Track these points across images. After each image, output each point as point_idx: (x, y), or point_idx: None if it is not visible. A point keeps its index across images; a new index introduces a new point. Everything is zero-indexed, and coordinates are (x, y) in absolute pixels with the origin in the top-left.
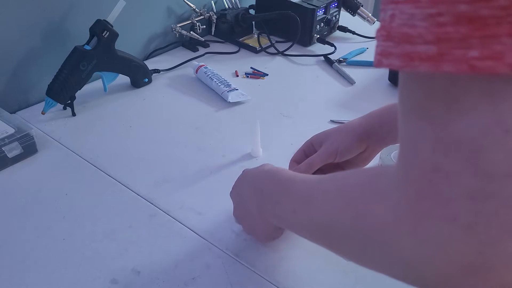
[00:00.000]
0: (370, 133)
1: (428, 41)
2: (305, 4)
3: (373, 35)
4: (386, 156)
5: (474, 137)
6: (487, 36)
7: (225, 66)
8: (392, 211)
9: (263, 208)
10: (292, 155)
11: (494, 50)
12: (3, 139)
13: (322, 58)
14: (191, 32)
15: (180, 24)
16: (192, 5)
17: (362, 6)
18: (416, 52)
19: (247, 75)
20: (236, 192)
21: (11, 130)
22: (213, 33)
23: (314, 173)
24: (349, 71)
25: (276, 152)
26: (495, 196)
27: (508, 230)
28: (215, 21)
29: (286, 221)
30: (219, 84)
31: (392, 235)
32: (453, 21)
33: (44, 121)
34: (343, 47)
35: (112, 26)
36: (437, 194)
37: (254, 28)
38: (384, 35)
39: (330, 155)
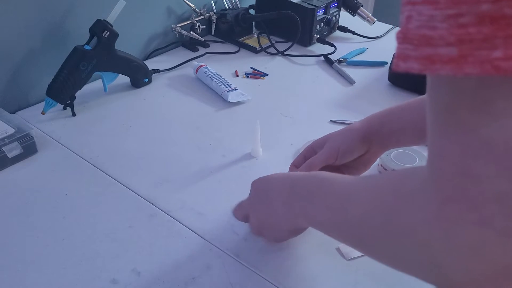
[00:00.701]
0: (372, 135)
1: (449, 43)
2: (305, 4)
3: (373, 35)
4: (386, 157)
5: (506, 139)
6: (511, 36)
7: (225, 66)
8: (423, 214)
9: (293, 205)
10: (292, 155)
11: None
12: (3, 139)
13: (322, 58)
14: (191, 32)
15: (180, 24)
16: (192, 5)
17: (362, 6)
18: (437, 54)
19: (247, 75)
20: (265, 182)
21: (11, 130)
22: (213, 33)
23: None
24: (349, 71)
25: (276, 152)
26: None
27: None
28: (215, 21)
29: (316, 220)
30: (219, 84)
31: (423, 237)
32: (475, 22)
33: (44, 121)
34: (343, 47)
35: (112, 26)
36: (467, 198)
37: (254, 28)
38: (400, 38)
39: (331, 155)
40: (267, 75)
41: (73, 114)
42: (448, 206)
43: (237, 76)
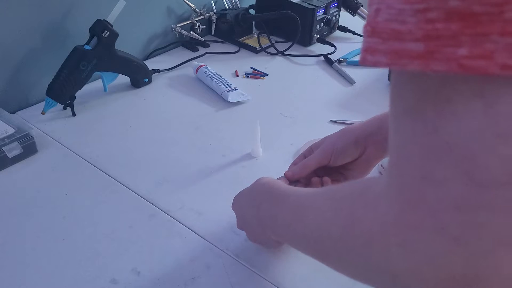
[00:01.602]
0: (368, 136)
1: (417, 38)
2: (305, 4)
3: None
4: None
5: (465, 142)
6: (479, 34)
7: (225, 66)
8: (380, 221)
9: (262, 222)
10: (292, 155)
11: (485, 49)
12: (3, 139)
13: (322, 58)
14: (191, 32)
15: (180, 24)
16: (192, 5)
17: (362, 6)
18: (405, 49)
19: (247, 75)
20: (236, 206)
21: (11, 130)
22: (213, 33)
23: (311, 177)
24: (349, 71)
25: (276, 152)
26: (486, 207)
27: (500, 242)
28: (215, 21)
29: (282, 235)
30: (219, 84)
31: (380, 246)
32: (443, 18)
33: (44, 121)
34: (343, 47)
35: (112, 26)
36: (426, 203)
37: (254, 28)
38: (369, 31)
39: (324, 156)
40: (267, 75)
41: (73, 114)
42: (407, 212)
43: (237, 76)
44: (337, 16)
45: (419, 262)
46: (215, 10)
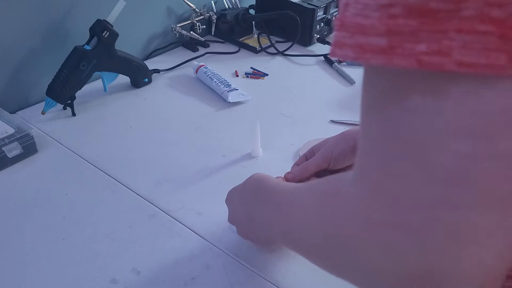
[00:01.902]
0: None
1: (380, 33)
2: (305, 4)
3: None
4: None
5: (419, 138)
6: (437, 30)
7: (225, 66)
8: (347, 215)
9: (250, 218)
10: (292, 155)
11: (442, 46)
12: (3, 139)
13: (322, 58)
14: (191, 32)
15: (180, 24)
16: (192, 5)
17: None
18: (369, 44)
19: (247, 75)
20: (229, 201)
21: (11, 130)
22: (213, 33)
23: (312, 179)
24: (349, 71)
25: (276, 152)
26: (442, 202)
27: (455, 240)
28: (215, 21)
29: (269, 232)
30: (219, 84)
31: (348, 240)
32: (404, 13)
33: (44, 121)
34: None
35: (112, 26)
36: (385, 198)
37: (254, 28)
38: (338, 25)
39: (324, 160)
40: (267, 75)
41: (73, 114)
42: (368, 206)
43: (237, 76)
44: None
45: (381, 257)
46: (215, 10)
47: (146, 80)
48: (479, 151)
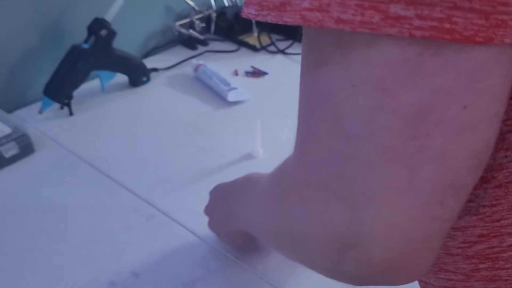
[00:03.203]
0: None
1: None
2: None
3: None
4: None
5: (331, 93)
6: None
7: (224, 64)
8: (284, 181)
9: (229, 207)
10: None
11: (322, 2)
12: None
13: None
14: (190, 30)
15: (179, 22)
16: (191, 3)
17: None
18: (266, 1)
19: (247, 74)
20: (214, 192)
21: (8, 130)
22: (212, 32)
23: None
24: None
25: (277, 151)
26: (352, 159)
27: (367, 197)
28: (214, 19)
29: (239, 218)
30: (219, 83)
31: (284, 207)
32: None
33: (41, 121)
34: None
35: (110, 25)
36: (310, 158)
37: (254, 26)
38: None
39: None
40: (268, 73)
41: (71, 114)
42: (298, 168)
43: (237, 75)
44: None
45: (311, 220)
46: (214, 8)
47: (145, 79)
48: (381, 105)
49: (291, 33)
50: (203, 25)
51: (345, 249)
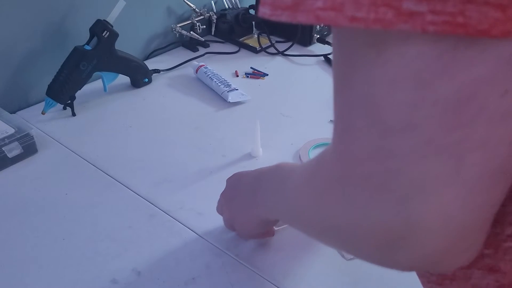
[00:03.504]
0: None
1: None
2: None
3: None
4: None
5: (369, 90)
6: None
7: (225, 66)
8: (326, 177)
9: (256, 195)
10: (292, 155)
11: (336, 2)
12: (3, 139)
13: (322, 58)
14: (191, 32)
15: (180, 24)
16: (192, 5)
17: None
18: (280, 0)
19: (247, 75)
20: (237, 177)
21: (11, 130)
22: (213, 33)
23: None
24: None
25: (276, 152)
26: (396, 153)
27: (416, 189)
28: (215, 21)
29: (270, 207)
30: (219, 84)
31: (327, 202)
32: None
33: (44, 121)
34: None
35: (112, 26)
36: (352, 154)
37: (254, 28)
38: None
39: None
40: (267, 75)
41: (73, 114)
42: (340, 164)
43: (237, 76)
44: None
45: (357, 214)
46: (215, 10)
47: (146, 80)
48: (418, 98)
49: (291, 35)
50: (204, 27)
51: (396, 239)
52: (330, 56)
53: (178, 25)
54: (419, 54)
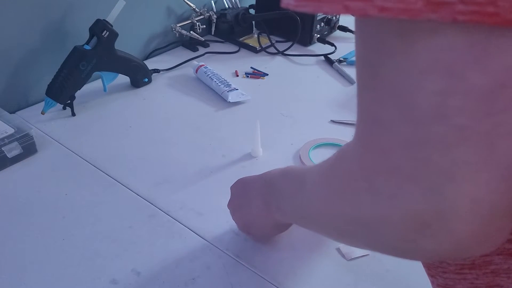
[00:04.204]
0: None
1: None
2: None
3: None
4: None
5: (398, 81)
6: None
7: (225, 66)
8: (349, 170)
9: (269, 201)
10: (292, 155)
11: None
12: (2, 139)
13: (322, 58)
14: (191, 31)
15: (180, 24)
16: (192, 4)
17: None
18: None
19: (247, 75)
20: (239, 185)
21: (10, 130)
22: (213, 33)
23: None
24: (349, 71)
25: (276, 152)
26: (426, 142)
27: (447, 176)
28: (215, 21)
29: (288, 212)
30: (219, 84)
31: (350, 195)
32: None
33: (44, 121)
34: (344, 47)
35: (112, 26)
36: (379, 146)
37: (254, 27)
38: None
39: None
40: (267, 75)
41: (73, 114)
42: (365, 157)
43: (237, 76)
44: (337, 16)
45: (384, 205)
46: (215, 10)
47: (146, 80)
48: (449, 87)
49: (291, 34)
50: (204, 26)
51: (424, 228)
52: (330, 56)
53: (178, 25)
54: (449, 44)
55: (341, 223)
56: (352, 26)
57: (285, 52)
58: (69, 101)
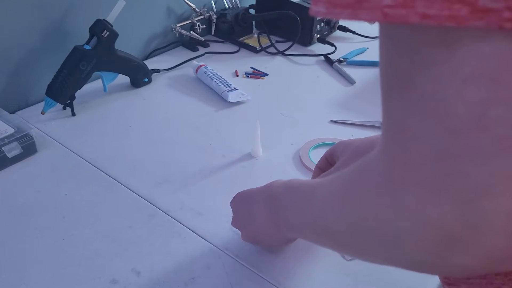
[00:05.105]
0: None
1: None
2: (305, 4)
3: (373, 35)
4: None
5: (435, 91)
6: None
7: (225, 66)
8: (374, 183)
9: (275, 217)
10: (292, 155)
11: None
12: (2, 139)
13: (322, 58)
14: (191, 31)
15: (180, 24)
16: (192, 4)
17: None
18: None
19: (247, 75)
20: (239, 202)
21: (10, 130)
22: (213, 33)
23: None
24: (349, 71)
25: (276, 152)
26: (463, 154)
27: (483, 189)
28: (215, 21)
29: (296, 227)
30: (219, 84)
31: (374, 208)
32: None
33: (44, 121)
34: (344, 47)
35: (112, 26)
36: (409, 158)
37: (254, 27)
38: None
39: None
40: (267, 75)
41: (73, 114)
42: (393, 169)
43: (237, 76)
44: None
45: (411, 221)
46: (215, 10)
47: (146, 80)
48: (492, 96)
49: (291, 34)
50: (204, 26)
51: (455, 242)
52: (330, 56)
53: (178, 25)
54: (495, 52)
55: (360, 239)
56: (352, 26)
57: (285, 52)
58: (69, 101)
